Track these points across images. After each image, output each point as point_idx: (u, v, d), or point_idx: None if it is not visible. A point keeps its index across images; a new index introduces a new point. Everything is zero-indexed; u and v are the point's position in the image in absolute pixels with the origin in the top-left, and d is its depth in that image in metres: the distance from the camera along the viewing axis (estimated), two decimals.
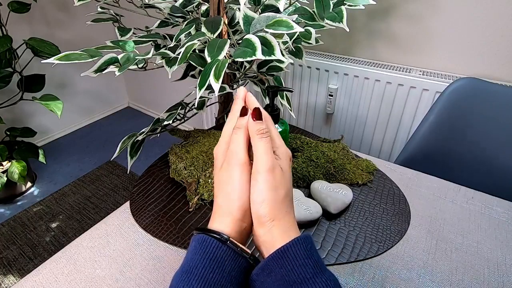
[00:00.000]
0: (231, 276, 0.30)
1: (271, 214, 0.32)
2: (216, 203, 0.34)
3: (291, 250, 0.29)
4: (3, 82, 1.41)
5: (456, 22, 0.98)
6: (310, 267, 0.29)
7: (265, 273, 0.30)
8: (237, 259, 0.31)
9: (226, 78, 0.79)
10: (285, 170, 0.34)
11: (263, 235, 0.32)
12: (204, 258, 0.30)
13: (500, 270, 0.48)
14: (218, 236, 0.31)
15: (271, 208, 0.32)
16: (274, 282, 0.29)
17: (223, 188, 0.34)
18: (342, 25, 0.65)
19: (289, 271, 0.29)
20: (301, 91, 1.30)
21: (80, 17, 1.99)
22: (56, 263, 0.49)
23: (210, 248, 0.30)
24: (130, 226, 0.56)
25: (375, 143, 1.22)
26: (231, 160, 0.34)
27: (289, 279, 0.28)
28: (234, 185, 0.33)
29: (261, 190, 0.32)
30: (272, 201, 0.32)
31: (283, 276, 0.29)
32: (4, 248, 1.37)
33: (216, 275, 0.29)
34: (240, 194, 0.33)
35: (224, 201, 0.33)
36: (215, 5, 0.62)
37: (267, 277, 0.30)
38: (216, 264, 0.30)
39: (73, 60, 0.52)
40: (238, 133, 0.34)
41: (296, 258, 0.29)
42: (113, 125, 2.28)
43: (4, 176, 1.46)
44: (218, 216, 0.33)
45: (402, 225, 0.55)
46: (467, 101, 0.80)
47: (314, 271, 0.29)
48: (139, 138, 0.68)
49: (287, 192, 0.33)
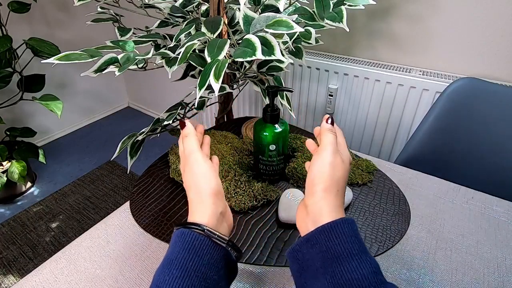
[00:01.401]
0: (210, 263, 0.31)
1: (325, 185, 0.34)
2: (189, 200, 0.37)
3: (340, 227, 0.31)
4: (3, 82, 1.41)
5: (456, 22, 0.98)
6: (356, 244, 0.30)
7: (309, 244, 0.31)
8: (214, 247, 0.32)
9: (226, 78, 0.79)
10: (345, 163, 0.36)
11: (311, 205, 0.34)
12: (182, 249, 0.31)
13: (500, 270, 0.48)
14: (195, 227, 0.33)
15: (327, 179, 0.34)
16: (318, 254, 0.30)
17: (190, 185, 0.37)
18: (342, 25, 0.65)
19: (336, 244, 0.30)
20: (301, 91, 1.30)
21: (80, 17, 1.99)
22: (56, 263, 0.49)
23: (188, 239, 0.32)
24: (130, 226, 0.56)
25: (375, 143, 1.22)
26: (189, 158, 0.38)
27: (335, 251, 0.30)
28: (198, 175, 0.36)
29: (322, 162, 0.35)
30: (329, 175, 0.34)
31: (328, 248, 0.30)
32: (4, 248, 1.37)
33: (195, 263, 0.31)
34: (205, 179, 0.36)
35: (194, 195, 0.36)
36: (215, 5, 0.62)
37: (311, 248, 0.31)
38: (195, 253, 0.31)
39: (73, 60, 0.52)
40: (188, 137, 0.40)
41: (344, 234, 0.30)
42: (113, 125, 2.28)
43: (4, 176, 1.46)
44: (192, 210, 0.36)
45: (402, 225, 0.55)
46: (467, 101, 0.80)
47: (360, 249, 0.30)
48: (139, 138, 0.68)
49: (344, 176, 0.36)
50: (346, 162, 0.37)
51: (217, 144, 0.68)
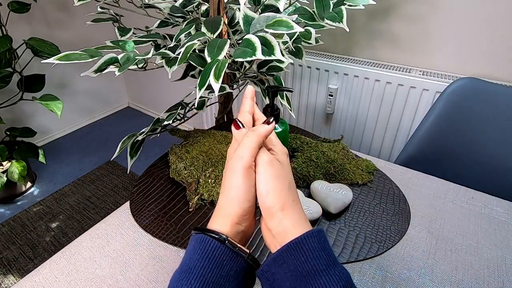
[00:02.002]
0: (230, 275, 0.30)
1: (280, 203, 0.32)
2: (218, 203, 0.35)
3: (305, 242, 0.29)
4: (3, 82, 1.41)
5: (456, 22, 0.98)
6: (324, 259, 0.29)
7: (277, 264, 0.30)
8: (235, 259, 0.31)
9: (226, 78, 0.79)
10: (283, 162, 0.35)
11: (275, 227, 0.32)
12: (202, 257, 0.30)
13: (500, 270, 0.48)
14: (217, 236, 0.31)
15: (278, 196, 0.32)
16: (285, 273, 0.29)
17: (227, 190, 0.34)
18: (342, 25, 0.65)
19: (303, 262, 0.29)
20: (301, 91, 1.30)
21: (80, 17, 1.99)
22: (56, 263, 0.49)
23: (208, 248, 0.30)
24: (130, 226, 0.56)
25: (375, 143, 1.22)
26: (236, 164, 0.34)
27: (302, 270, 0.28)
28: (236, 189, 0.33)
29: (264, 180, 0.33)
30: (277, 189, 0.32)
31: (296, 267, 0.29)
32: (4, 248, 1.37)
33: (215, 275, 0.29)
34: (241, 199, 0.33)
35: (226, 204, 0.34)
36: (215, 5, 0.62)
37: (279, 268, 0.30)
38: (215, 263, 0.30)
39: (73, 60, 0.52)
40: (249, 137, 0.34)
41: (310, 250, 0.29)
42: (113, 125, 2.28)
43: (4, 176, 1.46)
44: (217, 217, 0.34)
45: (402, 225, 0.55)
46: (467, 101, 0.80)
47: (328, 263, 0.29)
48: (139, 138, 0.68)
49: (290, 182, 0.34)
50: (282, 158, 0.35)
51: (217, 144, 0.68)
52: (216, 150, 0.66)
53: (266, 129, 0.35)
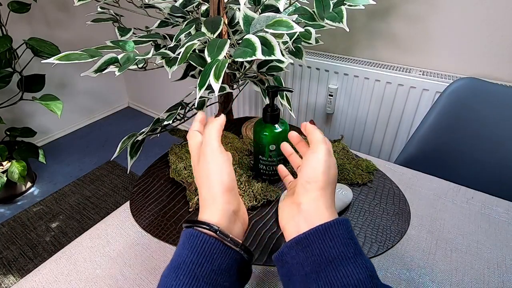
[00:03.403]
0: (221, 269, 0.29)
1: (323, 181, 0.32)
2: (200, 198, 0.35)
3: (335, 228, 0.29)
4: (3, 82, 1.41)
5: (456, 22, 0.98)
6: (352, 247, 0.29)
7: (299, 247, 0.30)
8: (226, 251, 0.30)
9: (226, 78, 0.79)
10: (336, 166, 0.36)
11: (307, 202, 0.32)
12: (192, 252, 0.29)
13: (500, 270, 0.48)
14: (207, 227, 0.31)
15: (322, 178, 0.33)
16: (309, 257, 0.29)
17: (203, 180, 0.34)
18: (342, 25, 0.65)
19: (331, 247, 0.28)
20: (301, 91, 1.30)
21: (80, 17, 1.99)
22: (56, 263, 0.49)
23: (198, 242, 0.30)
24: (130, 226, 0.56)
25: (375, 143, 1.22)
26: (206, 150, 0.35)
27: (329, 255, 0.28)
28: (212, 170, 0.34)
29: (318, 159, 0.34)
30: (325, 173, 0.33)
31: (322, 252, 0.28)
32: (4, 248, 1.37)
33: (205, 269, 0.29)
34: (220, 176, 0.33)
35: (207, 191, 0.34)
36: (215, 5, 0.62)
37: (301, 251, 0.29)
38: (205, 258, 0.29)
39: (73, 60, 0.52)
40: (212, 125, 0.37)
41: (339, 236, 0.29)
42: (113, 125, 2.28)
43: (4, 176, 1.46)
44: (204, 208, 0.33)
45: (402, 225, 0.55)
46: (467, 101, 0.80)
47: (355, 252, 0.29)
48: (139, 138, 0.68)
49: (336, 174, 0.35)
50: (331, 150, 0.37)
51: None
52: None
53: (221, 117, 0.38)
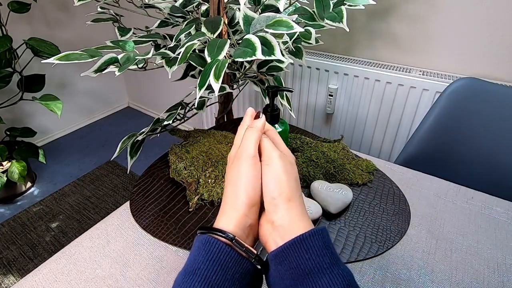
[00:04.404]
0: (235, 278, 0.29)
1: (287, 193, 0.32)
2: (224, 199, 0.34)
3: (310, 239, 0.29)
4: (3, 82, 1.41)
5: (456, 22, 0.98)
6: (328, 257, 0.29)
7: (277, 260, 0.30)
8: (241, 261, 0.30)
9: (226, 78, 0.79)
10: (292, 163, 0.35)
11: (279, 219, 0.32)
12: (207, 259, 0.29)
13: (500, 270, 0.48)
14: (223, 235, 0.31)
15: (286, 186, 0.32)
16: (287, 270, 0.29)
17: (232, 183, 0.34)
18: (342, 25, 0.65)
19: (306, 260, 0.28)
20: (301, 91, 1.30)
21: (80, 17, 1.99)
22: (56, 263, 0.49)
23: (213, 250, 0.30)
24: (130, 226, 0.56)
25: (375, 143, 1.22)
26: (242, 155, 0.35)
27: (305, 267, 0.28)
28: (242, 179, 0.33)
29: (276, 171, 0.33)
30: (285, 181, 0.33)
31: (298, 265, 0.28)
32: (4, 248, 1.37)
33: (219, 278, 0.29)
34: (248, 189, 0.33)
35: (231, 196, 0.33)
36: (215, 5, 0.62)
37: (279, 265, 0.29)
38: (220, 266, 0.29)
39: (73, 60, 0.52)
40: (251, 131, 0.36)
41: (314, 247, 0.29)
42: (113, 125, 2.28)
43: (4, 176, 1.46)
44: (224, 213, 0.33)
45: (402, 225, 0.55)
46: (467, 101, 0.80)
47: (331, 262, 0.29)
48: (139, 138, 0.68)
49: (297, 178, 0.34)
50: (293, 162, 0.36)
51: (217, 144, 0.68)
52: (216, 150, 0.66)
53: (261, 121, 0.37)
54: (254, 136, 0.35)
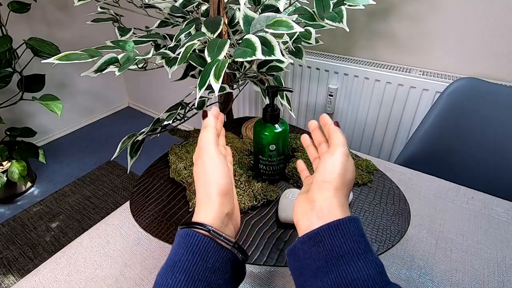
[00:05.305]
0: (215, 267, 0.31)
1: (338, 183, 0.34)
2: (197, 197, 0.36)
3: (346, 225, 0.30)
4: (3, 82, 1.41)
5: (456, 22, 0.98)
6: (363, 244, 0.30)
7: (311, 242, 0.31)
8: (220, 251, 0.31)
9: (226, 78, 0.79)
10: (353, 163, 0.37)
11: (321, 200, 0.33)
12: (187, 251, 0.30)
13: (500, 270, 0.48)
14: (201, 227, 0.32)
15: (340, 179, 0.34)
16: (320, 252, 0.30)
17: (201, 179, 0.35)
18: (342, 25, 0.65)
19: (342, 243, 0.29)
20: (301, 91, 1.30)
21: (80, 17, 1.99)
22: (56, 263, 0.49)
23: (193, 241, 0.31)
24: (130, 226, 0.56)
25: (375, 143, 1.22)
26: (203, 153, 0.36)
27: (340, 250, 0.29)
28: (208, 172, 0.35)
29: (335, 161, 0.35)
30: (341, 175, 0.34)
31: (333, 247, 0.29)
32: (4, 248, 1.37)
33: (200, 267, 0.30)
34: (217, 178, 0.35)
35: (204, 192, 0.35)
36: (215, 5, 0.62)
37: (313, 246, 0.31)
38: (200, 256, 0.30)
39: (73, 60, 0.52)
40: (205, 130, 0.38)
41: (350, 233, 0.30)
42: (113, 125, 2.28)
43: (4, 176, 1.46)
44: (199, 209, 0.34)
45: (402, 225, 0.55)
46: (467, 101, 0.80)
47: (366, 249, 0.30)
48: (139, 138, 0.69)
49: (352, 179, 0.36)
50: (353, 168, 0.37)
51: None
52: None
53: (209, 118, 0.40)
54: (208, 132, 0.38)
